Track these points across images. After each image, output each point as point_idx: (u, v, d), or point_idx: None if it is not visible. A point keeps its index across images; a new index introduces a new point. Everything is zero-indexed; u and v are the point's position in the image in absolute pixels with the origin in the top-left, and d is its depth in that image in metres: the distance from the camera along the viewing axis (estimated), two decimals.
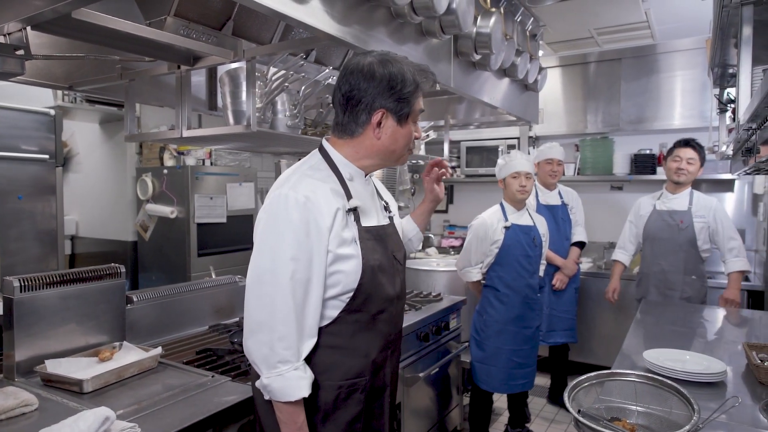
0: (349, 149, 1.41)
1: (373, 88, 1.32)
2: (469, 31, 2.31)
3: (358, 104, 1.34)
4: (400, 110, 1.35)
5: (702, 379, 1.68)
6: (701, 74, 4.08)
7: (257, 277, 1.28)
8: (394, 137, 1.37)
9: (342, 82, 1.36)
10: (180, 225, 4.04)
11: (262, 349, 1.24)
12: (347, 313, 1.34)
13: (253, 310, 1.27)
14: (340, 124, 1.40)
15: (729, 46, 2.27)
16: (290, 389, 1.23)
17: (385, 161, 1.45)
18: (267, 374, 1.24)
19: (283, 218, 1.26)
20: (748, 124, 1.32)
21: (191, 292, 2.33)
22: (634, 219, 3.41)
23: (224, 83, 2.04)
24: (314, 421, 1.31)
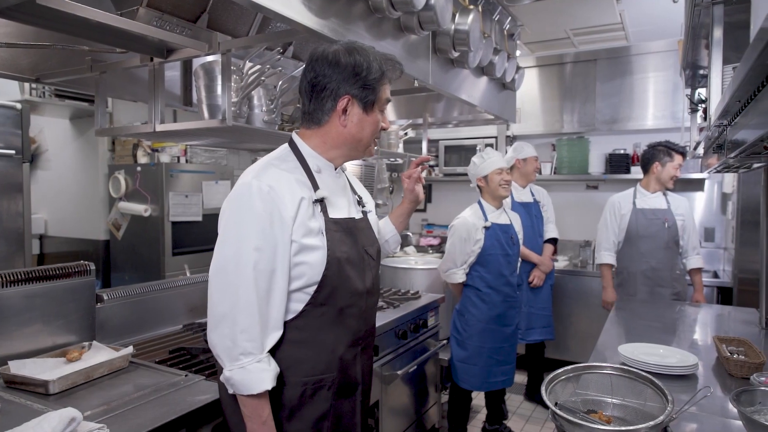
0: (317, 139, 1.40)
1: (338, 74, 1.32)
2: (448, 28, 2.32)
3: (323, 91, 1.33)
4: (365, 97, 1.34)
5: (675, 371, 1.72)
6: (673, 76, 4.18)
7: (220, 267, 1.26)
8: (360, 125, 1.36)
9: (307, 70, 1.36)
10: (154, 223, 3.95)
11: (224, 342, 1.22)
12: (313, 306, 1.31)
13: (216, 301, 1.25)
14: (307, 113, 1.39)
15: (700, 47, 2.32)
16: (253, 382, 1.21)
17: (352, 151, 1.42)
18: (229, 367, 1.22)
19: (246, 207, 1.24)
20: (719, 120, 1.35)
21: (164, 291, 2.28)
22: (614, 218, 3.43)
23: (199, 77, 2.00)
24: (279, 418, 1.29)
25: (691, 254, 3.26)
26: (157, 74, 1.99)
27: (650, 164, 3.32)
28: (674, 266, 3.26)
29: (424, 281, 3.36)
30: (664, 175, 3.27)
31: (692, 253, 3.26)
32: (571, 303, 4.30)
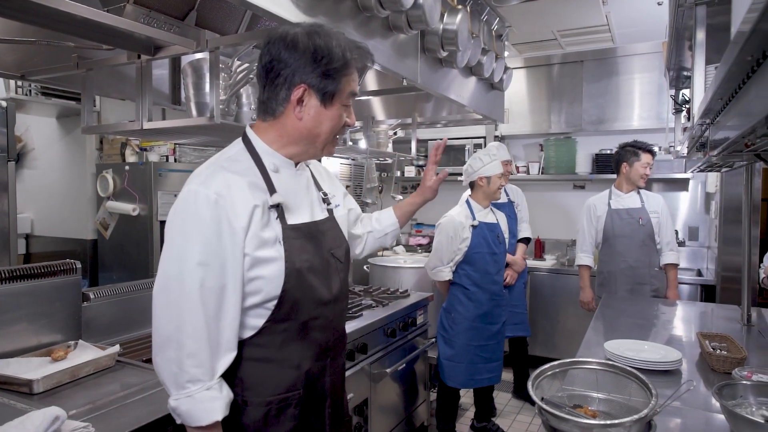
0: (272, 134, 1.26)
1: (294, 60, 1.17)
2: (436, 28, 2.33)
3: (277, 77, 1.19)
4: (324, 88, 1.19)
5: (659, 367, 1.75)
6: (658, 77, 4.24)
7: (162, 286, 1.13)
8: (317, 119, 1.22)
9: (263, 53, 1.21)
10: (142, 223, 3.92)
11: (170, 367, 1.10)
12: (273, 322, 1.20)
13: (160, 322, 1.12)
14: (262, 102, 1.25)
15: (684, 48, 2.36)
16: (201, 412, 1.10)
17: (309, 148, 1.28)
18: (175, 395, 1.11)
19: (191, 218, 1.12)
20: (701, 119, 1.37)
21: (152, 289, 2.26)
22: (592, 221, 3.48)
23: (187, 74, 1.99)
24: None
25: (665, 250, 3.32)
26: (145, 72, 1.97)
27: (619, 165, 3.39)
28: (652, 263, 3.31)
29: (412, 280, 3.37)
30: (633, 175, 3.33)
31: (666, 249, 3.31)
32: (557, 301, 4.33)
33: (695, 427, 1.43)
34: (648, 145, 3.34)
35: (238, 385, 1.19)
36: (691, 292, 3.93)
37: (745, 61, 0.74)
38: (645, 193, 3.40)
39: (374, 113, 3.54)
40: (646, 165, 3.29)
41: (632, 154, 3.33)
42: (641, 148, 3.31)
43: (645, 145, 3.33)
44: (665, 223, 3.32)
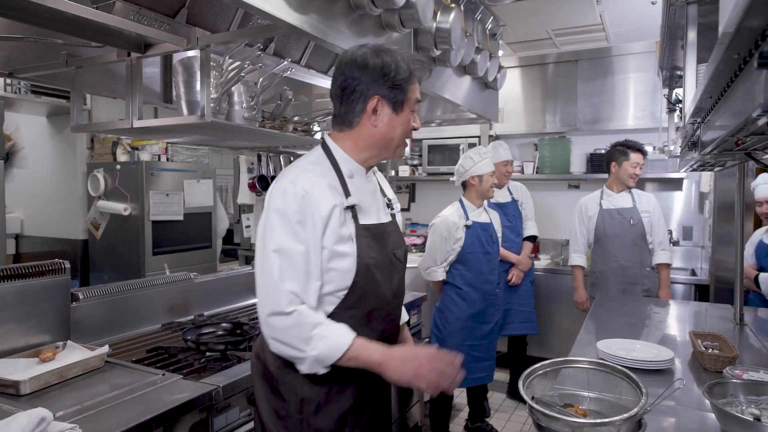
0: (348, 142, 1.42)
1: (366, 76, 1.34)
2: (429, 26, 2.32)
3: (353, 93, 1.36)
4: (394, 97, 1.36)
5: (651, 366, 1.74)
6: (653, 77, 4.24)
7: (261, 271, 1.28)
8: (391, 125, 1.39)
9: (337, 74, 1.39)
10: (134, 222, 3.90)
11: (291, 331, 1.24)
12: (342, 308, 1.34)
13: (267, 303, 1.26)
14: (339, 116, 1.42)
15: (677, 48, 2.36)
16: (337, 340, 1.25)
17: (384, 151, 1.44)
18: (309, 349, 1.23)
19: (281, 210, 1.27)
20: (692, 118, 1.37)
21: (143, 290, 2.25)
22: (584, 221, 3.49)
23: (178, 72, 1.98)
24: (307, 412, 1.32)
25: (657, 250, 3.31)
26: (135, 69, 1.96)
27: (609, 164, 3.39)
28: (644, 263, 3.31)
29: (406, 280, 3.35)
30: (622, 174, 3.33)
31: (659, 248, 3.31)
32: (552, 301, 4.33)
33: (688, 426, 1.43)
34: (638, 144, 3.34)
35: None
36: (685, 292, 3.94)
37: (732, 59, 0.73)
38: (637, 192, 3.40)
39: None
40: (635, 164, 3.29)
41: (621, 154, 3.32)
42: (631, 147, 3.30)
43: (635, 144, 3.33)
44: (657, 223, 3.31)
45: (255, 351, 1.44)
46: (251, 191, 3.28)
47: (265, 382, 1.37)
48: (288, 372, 1.32)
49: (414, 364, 1.27)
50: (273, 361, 1.34)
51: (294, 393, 1.32)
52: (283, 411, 1.34)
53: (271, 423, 1.36)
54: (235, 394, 1.65)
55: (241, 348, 1.90)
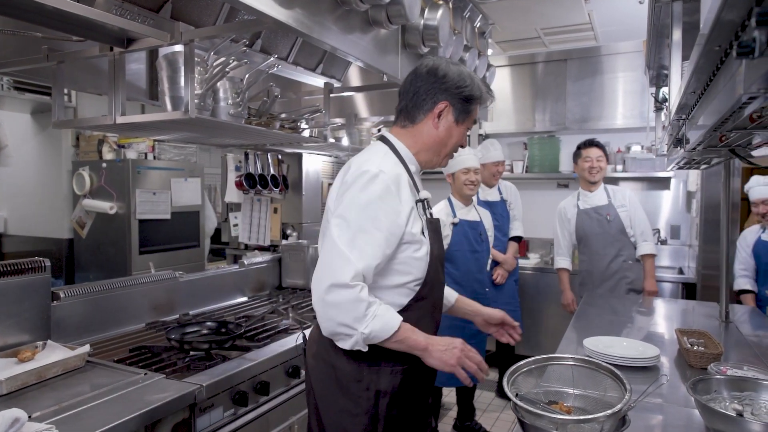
0: (409, 139, 1.49)
1: (441, 82, 1.44)
2: (417, 23, 2.31)
3: (426, 93, 1.45)
4: (460, 108, 1.47)
5: (637, 363, 1.75)
6: (641, 76, 4.26)
7: (332, 244, 1.32)
8: (449, 132, 1.48)
9: (415, 76, 1.48)
10: (120, 221, 3.86)
11: (347, 306, 1.27)
12: (415, 300, 1.42)
13: (330, 273, 1.29)
14: (404, 110, 1.49)
15: (663, 46, 2.36)
16: (390, 320, 1.31)
17: (435, 156, 1.52)
18: (363, 326, 1.27)
19: (366, 192, 1.32)
20: (677, 115, 1.37)
21: (127, 288, 2.21)
22: (564, 224, 3.54)
23: (162, 68, 1.95)
24: (378, 403, 1.38)
25: (639, 241, 3.35)
26: (118, 65, 1.93)
27: (575, 167, 3.48)
28: (626, 256, 3.35)
29: None
30: (580, 171, 3.42)
31: (641, 240, 3.34)
32: (541, 300, 4.34)
33: (673, 422, 1.43)
34: (590, 140, 3.42)
35: (376, 351, 1.34)
36: (673, 290, 3.96)
37: (714, 52, 0.73)
38: (612, 188, 3.45)
39: (357, 110, 3.51)
40: (588, 159, 3.35)
41: (576, 154, 3.44)
42: (582, 145, 3.41)
43: (587, 141, 3.43)
44: (635, 215, 3.35)
45: (316, 353, 1.46)
46: (238, 189, 3.25)
47: (330, 381, 1.40)
48: (362, 367, 1.37)
49: (455, 351, 1.38)
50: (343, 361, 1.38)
51: (367, 387, 1.38)
52: (357, 408, 1.38)
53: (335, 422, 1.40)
54: (219, 394, 1.63)
55: (225, 347, 1.88)
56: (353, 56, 2.05)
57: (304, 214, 3.35)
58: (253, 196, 3.37)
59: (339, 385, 1.40)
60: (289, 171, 3.35)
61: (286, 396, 1.96)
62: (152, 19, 1.93)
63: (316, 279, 1.32)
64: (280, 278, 3.14)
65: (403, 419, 1.44)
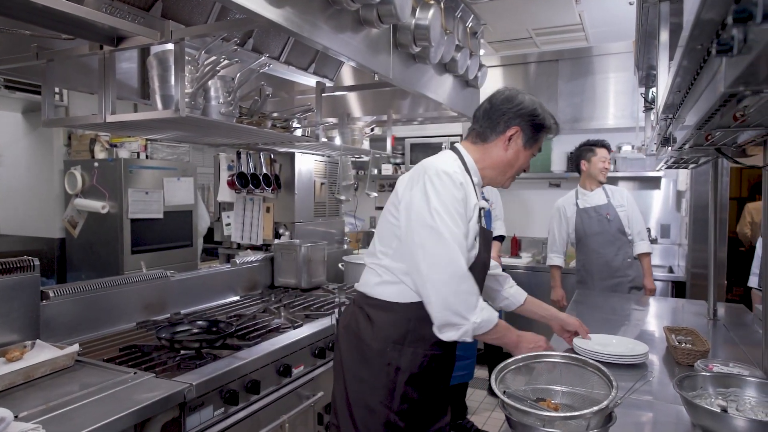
0: (477, 155, 1.63)
1: (517, 109, 1.57)
2: (408, 23, 2.31)
3: (501, 116, 1.57)
4: (530, 135, 1.59)
5: (625, 360, 1.76)
6: (631, 76, 4.29)
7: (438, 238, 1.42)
8: (516, 155, 1.61)
9: (491, 98, 1.63)
10: (112, 221, 3.84)
11: (466, 298, 1.41)
12: None
13: (449, 264, 1.40)
14: (477, 130, 1.63)
15: (652, 47, 2.38)
16: (491, 315, 1.46)
17: (499, 176, 1.66)
18: (474, 316, 1.42)
19: (445, 191, 1.44)
20: (664, 114, 1.38)
21: (117, 288, 2.20)
22: (562, 222, 3.56)
23: (152, 66, 1.94)
24: (396, 379, 1.51)
25: (637, 240, 3.39)
26: (108, 63, 1.92)
27: (579, 164, 3.48)
28: (625, 255, 3.39)
29: None
30: (593, 170, 3.42)
31: (638, 239, 3.39)
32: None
33: (661, 419, 1.44)
34: (602, 141, 3.45)
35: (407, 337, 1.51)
36: (663, 288, 3.99)
37: (696, 50, 0.73)
38: (610, 187, 3.48)
39: (350, 110, 3.51)
40: (603, 159, 3.39)
41: (588, 151, 3.43)
42: (595, 144, 3.42)
43: (599, 141, 3.45)
44: (633, 215, 3.40)
45: (347, 325, 1.62)
46: (231, 189, 3.25)
47: (357, 352, 1.55)
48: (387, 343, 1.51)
49: (537, 347, 1.55)
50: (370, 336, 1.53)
51: (388, 363, 1.50)
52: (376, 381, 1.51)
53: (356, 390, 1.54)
54: (209, 393, 1.62)
55: (216, 346, 1.88)
56: (345, 55, 2.05)
57: (297, 214, 3.34)
58: (245, 196, 3.36)
59: (363, 357, 1.54)
60: (282, 170, 3.35)
61: (278, 395, 1.96)
62: (143, 18, 1.92)
63: (433, 269, 1.41)
64: (272, 277, 3.14)
65: (418, 400, 1.55)
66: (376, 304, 1.57)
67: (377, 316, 1.55)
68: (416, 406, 1.56)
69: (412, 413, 1.55)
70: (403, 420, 1.53)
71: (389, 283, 1.55)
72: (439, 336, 1.46)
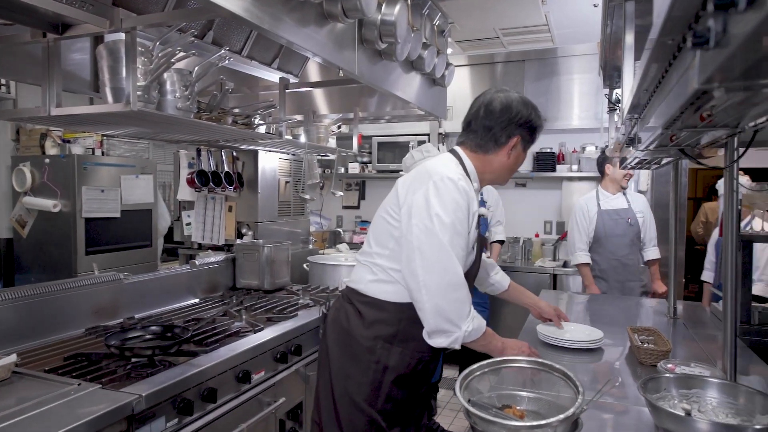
0: (477, 162, 1.67)
1: (517, 120, 1.62)
2: (374, 18, 2.26)
3: (501, 131, 1.62)
4: (527, 140, 1.67)
5: (584, 345, 1.88)
6: (596, 78, 4.35)
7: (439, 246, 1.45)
8: (517, 160, 1.69)
9: (488, 108, 1.64)
10: (65, 220, 3.65)
11: (458, 306, 1.44)
12: None
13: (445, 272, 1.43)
14: (477, 142, 1.66)
15: (616, 48, 2.40)
16: (481, 323, 1.52)
17: (499, 178, 1.72)
18: (465, 325, 1.46)
19: (450, 197, 1.48)
20: (629, 114, 1.37)
21: (65, 291, 2.07)
22: (584, 220, 3.58)
23: (102, 57, 1.83)
24: (383, 377, 1.53)
25: (649, 246, 3.51)
26: (52, 52, 1.80)
27: (603, 167, 3.55)
28: (639, 260, 3.51)
29: None
30: (617, 174, 3.50)
31: (650, 245, 3.51)
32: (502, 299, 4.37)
33: (624, 421, 1.43)
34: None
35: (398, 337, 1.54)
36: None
37: (667, 45, 0.71)
38: (629, 194, 3.58)
39: (316, 107, 3.44)
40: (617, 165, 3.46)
41: (608, 159, 3.48)
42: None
43: None
44: (649, 223, 3.51)
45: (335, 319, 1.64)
46: (190, 187, 3.12)
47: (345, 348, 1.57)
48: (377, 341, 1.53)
49: (520, 353, 1.60)
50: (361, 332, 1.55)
51: (377, 361, 1.52)
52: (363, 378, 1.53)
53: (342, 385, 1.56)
54: (161, 403, 1.53)
55: (170, 353, 1.78)
56: (309, 50, 1.98)
57: (260, 213, 3.25)
58: (206, 194, 3.24)
59: (352, 352, 1.55)
60: (245, 168, 3.24)
61: (236, 402, 1.87)
62: (91, 5, 1.80)
63: (429, 275, 1.43)
64: (234, 279, 3.03)
65: (401, 400, 1.57)
66: (369, 301, 1.57)
67: (369, 313, 1.56)
68: (399, 406, 1.57)
69: (394, 414, 1.56)
70: (385, 420, 1.54)
71: (384, 281, 1.56)
72: (429, 342, 1.48)
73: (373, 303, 1.57)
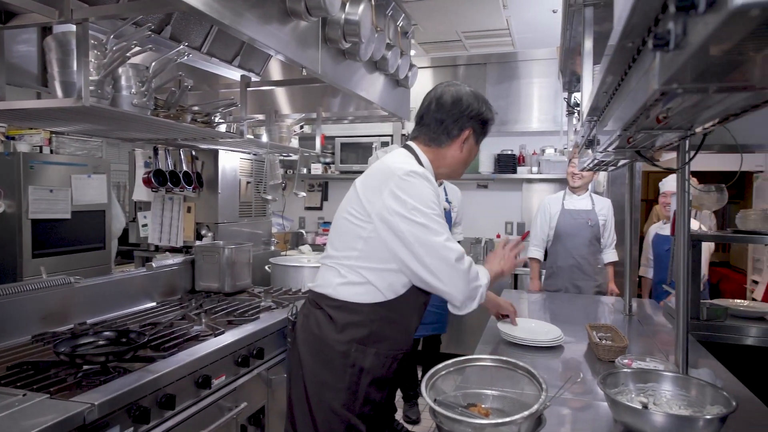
0: (431, 156, 1.68)
1: (468, 112, 1.65)
2: (338, 17, 2.24)
3: (453, 123, 1.64)
4: (480, 132, 1.71)
5: (543, 344, 1.92)
6: (555, 82, 4.47)
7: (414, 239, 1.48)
8: (470, 153, 1.71)
9: (440, 103, 1.66)
10: (9, 221, 3.46)
11: (469, 273, 1.52)
12: (411, 291, 1.57)
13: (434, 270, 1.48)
14: (430, 135, 1.68)
15: (575, 53, 2.47)
16: (483, 268, 1.65)
17: (453, 173, 1.75)
18: (483, 277, 1.59)
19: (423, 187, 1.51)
20: (588, 117, 1.41)
21: (9, 297, 1.96)
22: (545, 217, 3.69)
23: (50, 48, 1.73)
24: (359, 380, 1.53)
25: (608, 249, 3.63)
26: None
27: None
28: (596, 261, 3.60)
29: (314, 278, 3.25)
30: (568, 174, 3.66)
31: (608, 248, 3.63)
32: None
33: (584, 416, 1.47)
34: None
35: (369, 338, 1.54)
36: None
37: (627, 48, 0.72)
38: (596, 196, 3.68)
39: (278, 106, 3.38)
40: (573, 164, 3.59)
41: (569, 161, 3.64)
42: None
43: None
44: (610, 226, 3.61)
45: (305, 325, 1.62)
46: (147, 187, 3.02)
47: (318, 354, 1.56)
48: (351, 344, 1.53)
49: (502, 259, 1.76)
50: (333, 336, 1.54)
51: (352, 364, 1.52)
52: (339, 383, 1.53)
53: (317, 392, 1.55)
54: (115, 412, 1.46)
55: (125, 359, 1.71)
56: (271, 48, 1.94)
57: (221, 214, 3.17)
58: (164, 195, 3.14)
59: (326, 358, 1.54)
60: (204, 168, 3.16)
61: (196, 408, 1.81)
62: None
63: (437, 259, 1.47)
64: (193, 281, 2.95)
65: (379, 402, 1.58)
66: (339, 305, 1.56)
67: (340, 317, 1.55)
68: (377, 408, 1.58)
69: (373, 416, 1.57)
70: (364, 423, 1.55)
71: (354, 283, 1.55)
72: (461, 312, 1.55)
73: (344, 306, 1.55)
